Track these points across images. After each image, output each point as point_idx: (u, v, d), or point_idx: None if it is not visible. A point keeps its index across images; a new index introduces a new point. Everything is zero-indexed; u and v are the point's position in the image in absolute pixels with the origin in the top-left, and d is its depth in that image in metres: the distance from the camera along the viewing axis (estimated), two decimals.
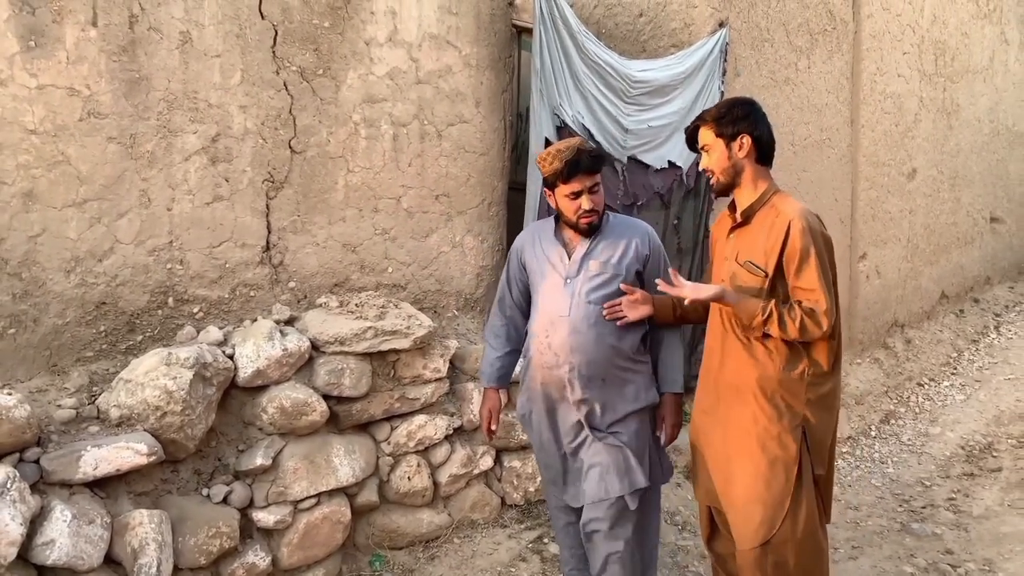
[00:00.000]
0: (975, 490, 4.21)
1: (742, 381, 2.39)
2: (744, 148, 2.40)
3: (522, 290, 2.78)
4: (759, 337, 2.35)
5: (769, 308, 2.28)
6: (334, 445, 3.02)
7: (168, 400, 2.61)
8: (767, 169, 2.46)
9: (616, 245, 2.62)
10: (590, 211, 2.55)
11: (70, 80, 2.70)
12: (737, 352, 2.42)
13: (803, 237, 2.28)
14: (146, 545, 2.46)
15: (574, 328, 2.53)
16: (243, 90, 3.08)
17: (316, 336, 3.03)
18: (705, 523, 2.68)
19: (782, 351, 2.34)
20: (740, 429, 2.39)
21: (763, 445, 2.34)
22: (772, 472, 2.33)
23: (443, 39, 3.68)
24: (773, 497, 2.32)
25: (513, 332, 2.83)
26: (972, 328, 6.89)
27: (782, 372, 2.33)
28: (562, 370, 2.55)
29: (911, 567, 3.45)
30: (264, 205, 3.17)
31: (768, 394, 2.34)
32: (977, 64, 7.11)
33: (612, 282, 2.57)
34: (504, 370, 2.85)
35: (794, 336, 2.27)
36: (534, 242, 2.73)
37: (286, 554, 2.86)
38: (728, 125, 2.40)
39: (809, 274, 2.28)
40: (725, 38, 4.36)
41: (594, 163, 2.54)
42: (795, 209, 2.34)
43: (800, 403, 2.34)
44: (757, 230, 2.39)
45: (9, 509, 2.18)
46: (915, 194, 6.30)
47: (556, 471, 2.72)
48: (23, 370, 2.68)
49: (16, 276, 2.64)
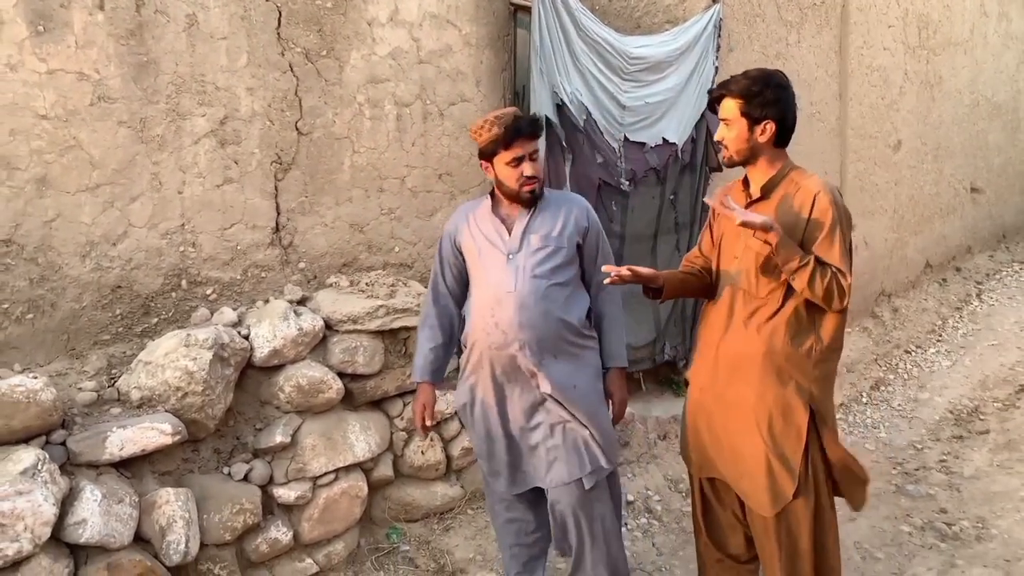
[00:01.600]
0: (965, 452, 4.35)
1: (746, 355, 2.36)
2: (767, 134, 2.32)
3: (456, 276, 2.68)
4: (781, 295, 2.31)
5: (808, 259, 2.22)
6: (349, 422, 3.07)
7: (189, 381, 2.65)
8: (783, 150, 2.40)
9: (556, 218, 2.55)
10: (531, 177, 2.47)
11: (79, 65, 2.70)
12: (742, 326, 2.39)
13: (830, 211, 2.25)
14: (174, 522, 2.50)
15: (522, 303, 2.45)
16: (249, 72, 3.09)
17: (329, 315, 3.07)
18: (698, 497, 2.66)
19: (791, 325, 2.32)
20: (746, 403, 2.37)
21: (771, 415, 2.33)
22: (784, 440, 2.33)
23: (443, 18, 3.70)
24: (787, 464, 2.33)
25: (447, 322, 2.71)
26: (955, 296, 7.05)
27: (789, 347, 2.31)
28: (512, 348, 2.46)
29: (908, 527, 3.57)
30: (273, 187, 3.19)
31: (775, 368, 2.32)
32: (958, 36, 7.21)
33: (555, 255, 2.50)
34: (438, 363, 2.72)
35: (816, 296, 2.23)
36: (468, 222, 2.62)
37: (307, 529, 2.92)
38: (757, 107, 2.30)
39: (833, 249, 2.25)
40: (719, 14, 4.40)
41: (533, 127, 2.48)
42: (818, 183, 2.32)
43: (807, 379, 2.32)
44: (778, 201, 2.35)
45: (42, 490, 2.22)
46: (900, 166, 6.41)
47: (501, 460, 2.62)
48: (42, 354, 2.70)
49: (32, 261, 2.65)
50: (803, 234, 2.29)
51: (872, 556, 3.35)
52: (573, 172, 3.99)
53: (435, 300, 2.72)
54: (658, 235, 4.45)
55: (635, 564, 3.25)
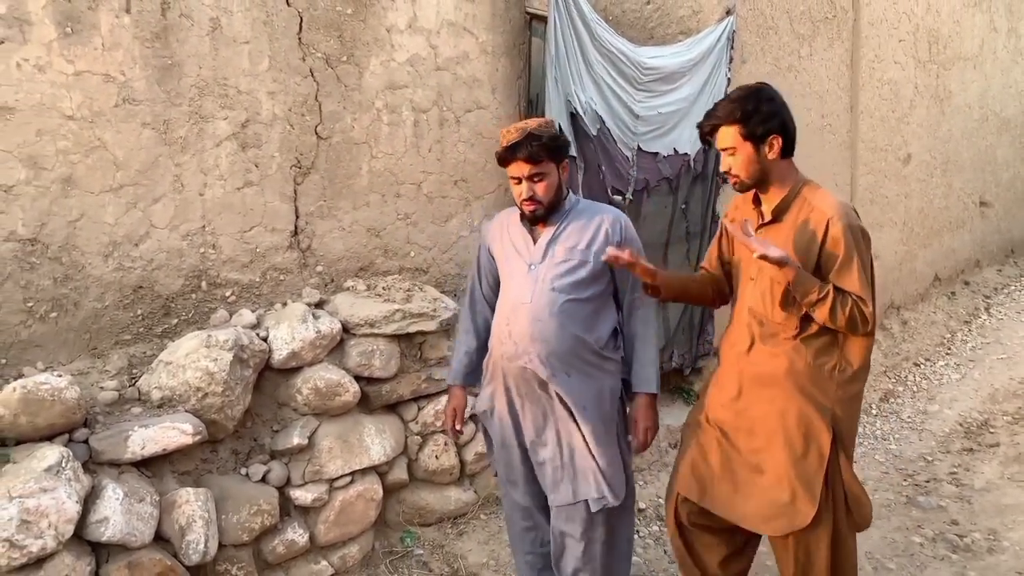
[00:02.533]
0: (975, 464, 4.34)
1: (770, 372, 2.32)
2: (775, 149, 2.24)
3: (492, 283, 2.67)
4: (797, 321, 2.27)
5: (827, 290, 2.17)
6: (365, 425, 3.08)
7: (209, 381, 2.67)
8: (791, 161, 2.33)
9: (585, 231, 2.47)
10: (528, 199, 2.41)
11: (105, 66, 2.73)
12: (763, 346, 2.34)
13: (844, 237, 2.18)
14: (193, 522, 2.52)
15: (535, 316, 2.39)
16: (271, 76, 3.12)
17: (347, 319, 3.09)
18: (672, 519, 2.56)
19: (813, 345, 2.28)
20: (769, 419, 2.33)
21: (793, 433, 2.28)
22: (806, 459, 2.28)
23: (460, 26, 3.74)
24: (809, 483, 2.27)
25: (482, 327, 2.68)
26: (964, 310, 7.05)
27: (812, 366, 2.27)
28: (522, 360, 2.41)
29: (919, 537, 3.57)
30: (292, 190, 3.22)
31: (798, 387, 2.28)
32: (968, 51, 7.24)
33: (578, 270, 2.43)
34: (472, 367, 2.70)
35: (840, 327, 2.20)
36: (502, 229, 2.61)
37: (323, 531, 2.93)
38: (757, 125, 2.22)
39: (851, 276, 2.19)
40: (732, 25, 4.44)
41: (535, 152, 2.36)
42: (831, 204, 2.23)
43: (829, 399, 2.28)
44: (790, 228, 2.27)
45: (65, 487, 2.24)
46: (910, 179, 6.43)
47: (516, 470, 2.61)
48: (65, 353, 2.73)
49: (57, 260, 2.68)
50: (817, 259, 2.23)
51: (884, 567, 3.35)
52: (585, 181, 4.02)
53: (471, 305, 2.72)
54: (669, 244, 4.48)
55: (647, 571, 3.26)
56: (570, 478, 2.46)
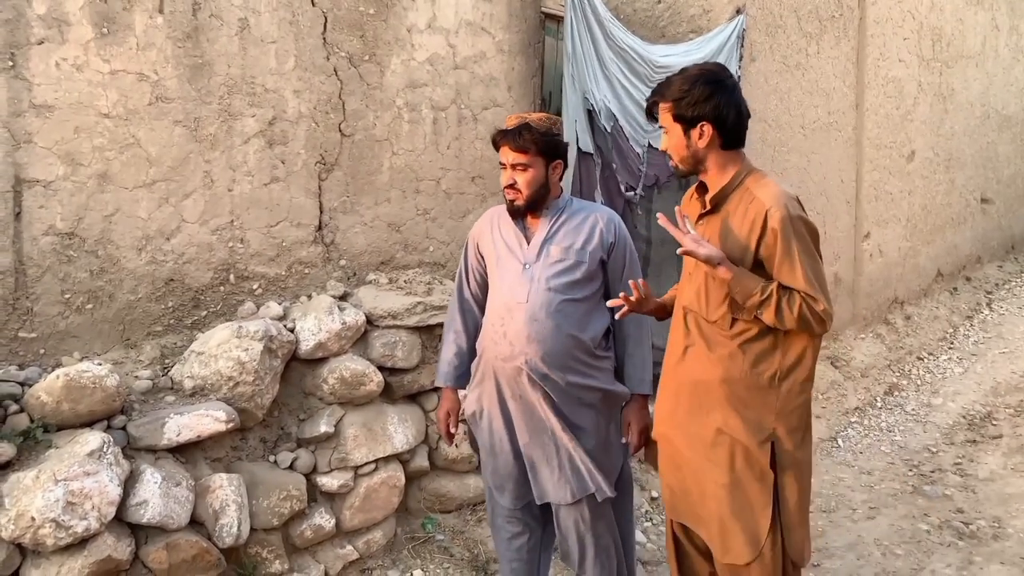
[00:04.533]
0: (979, 455, 4.44)
1: (704, 381, 2.14)
2: (705, 137, 2.08)
3: (480, 281, 2.64)
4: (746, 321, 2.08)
5: (770, 290, 1.99)
6: (389, 414, 3.17)
7: (240, 371, 2.75)
8: (738, 151, 2.15)
9: (579, 231, 2.45)
10: (509, 186, 2.41)
11: (139, 66, 2.81)
12: (700, 349, 2.17)
13: (783, 228, 1.99)
14: (227, 506, 2.60)
15: (532, 316, 2.36)
16: (296, 75, 3.20)
17: (370, 311, 3.18)
18: (671, 540, 2.41)
19: (749, 349, 2.08)
20: (705, 438, 2.14)
21: (731, 457, 2.09)
22: (747, 484, 2.08)
23: (478, 25, 3.82)
24: (752, 513, 2.08)
25: (471, 327, 2.65)
26: (966, 305, 7.15)
27: (749, 374, 2.08)
28: (517, 361, 2.38)
29: (926, 525, 3.66)
30: (316, 186, 3.30)
31: (732, 399, 2.08)
32: (971, 49, 7.33)
33: (574, 270, 2.41)
34: (462, 368, 2.66)
35: (791, 327, 2.01)
36: (492, 227, 2.57)
37: (348, 516, 3.01)
38: (687, 108, 2.07)
39: (795, 271, 2.01)
40: (742, 24, 4.52)
41: (522, 142, 2.36)
42: (771, 194, 2.04)
43: (769, 413, 2.07)
44: (729, 219, 2.10)
45: (107, 471, 2.32)
46: (914, 176, 6.52)
47: (506, 475, 2.56)
48: (100, 343, 2.81)
49: (93, 254, 2.76)
50: (754, 255, 2.05)
51: (892, 552, 3.44)
52: (602, 177, 4.11)
53: (460, 304, 2.68)
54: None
55: (661, 557, 3.34)
56: (566, 477, 2.43)
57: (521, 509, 2.62)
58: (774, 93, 4.93)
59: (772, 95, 4.91)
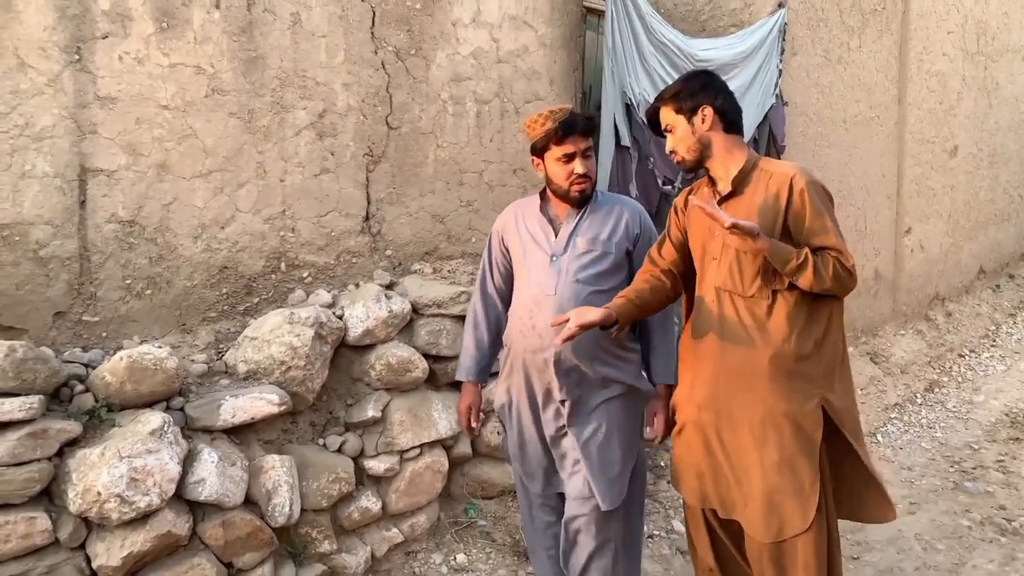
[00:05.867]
0: (1022, 453, 4.39)
1: (751, 365, 2.19)
2: (707, 120, 2.24)
3: (504, 275, 2.65)
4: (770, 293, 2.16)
5: (804, 253, 2.09)
6: (433, 400, 3.23)
7: (292, 356, 2.83)
8: (739, 138, 2.31)
9: (606, 222, 2.48)
10: (583, 176, 2.42)
11: (197, 59, 2.90)
12: (740, 333, 2.21)
13: (810, 193, 2.15)
14: (279, 486, 2.69)
15: (561, 308, 2.37)
16: (346, 69, 3.28)
17: (416, 299, 3.25)
18: (703, 529, 2.41)
19: (793, 321, 2.16)
20: (752, 419, 2.19)
21: (780, 434, 2.15)
22: (797, 459, 2.14)
23: (521, 20, 3.87)
24: (802, 486, 2.13)
25: (494, 320, 2.68)
26: (1008, 303, 7.05)
27: (796, 346, 2.15)
28: (547, 353, 2.41)
29: (967, 521, 3.65)
30: (364, 178, 3.38)
31: (785, 373, 2.15)
32: (1016, 43, 7.21)
33: (601, 260, 2.44)
34: (484, 362, 2.69)
35: (829, 287, 2.09)
36: (517, 221, 2.58)
37: (394, 499, 3.08)
38: (687, 99, 2.26)
39: (826, 231, 2.13)
40: (784, 18, 4.51)
41: (588, 125, 2.44)
42: (790, 166, 2.23)
43: (817, 378, 2.17)
44: (752, 195, 2.22)
45: (167, 450, 2.41)
46: (956, 171, 6.44)
47: (536, 464, 2.59)
48: (158, 328, 2.91)
49: (152, 241, 2.86)
50: (783, 221, 2.17)
51: (933, 547, 3.43)
52: (639, 170, 4.13)
53: (482, 298, 2.70)
54: None
55: None
56: (586, 471, 2.44)
57: (553, 496, 2.65)
58: (815, 87, 4.91)
59: (813, 89, 4.89)
